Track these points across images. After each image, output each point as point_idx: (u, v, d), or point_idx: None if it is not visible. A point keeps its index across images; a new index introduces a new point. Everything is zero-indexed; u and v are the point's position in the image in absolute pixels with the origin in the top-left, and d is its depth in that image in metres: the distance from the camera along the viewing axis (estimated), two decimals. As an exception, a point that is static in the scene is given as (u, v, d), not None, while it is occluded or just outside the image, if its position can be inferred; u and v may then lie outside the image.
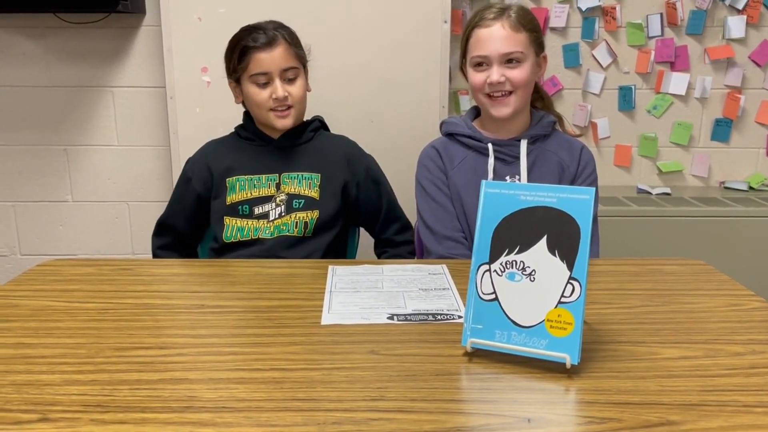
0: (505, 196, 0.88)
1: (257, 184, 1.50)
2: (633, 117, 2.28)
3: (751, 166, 2.32)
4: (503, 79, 1.37)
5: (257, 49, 1.45)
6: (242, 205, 1.49)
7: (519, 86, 1.38)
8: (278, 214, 1.48)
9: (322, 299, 1.07)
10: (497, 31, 1.37)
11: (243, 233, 1.48)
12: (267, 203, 1.49)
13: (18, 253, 2.37)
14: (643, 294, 1.11)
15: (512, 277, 0.86)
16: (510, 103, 1.39)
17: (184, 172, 1.58)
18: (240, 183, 1.50)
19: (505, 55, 1.37)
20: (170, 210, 1.59)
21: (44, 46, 2.19)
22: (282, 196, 1.48)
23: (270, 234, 1.47)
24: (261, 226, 1.48)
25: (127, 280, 1.19)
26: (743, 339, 0.92)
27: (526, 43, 1.38)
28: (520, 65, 1.38)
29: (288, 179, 1.50)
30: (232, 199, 1.49)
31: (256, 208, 1.49)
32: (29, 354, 0.87)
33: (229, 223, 1.49)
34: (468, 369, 0.84)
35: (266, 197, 1.49)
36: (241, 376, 0.81)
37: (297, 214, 1.48)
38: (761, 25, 2.20)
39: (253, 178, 1.50)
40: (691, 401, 0.75)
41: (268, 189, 1.50)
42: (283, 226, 1.47)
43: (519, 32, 1.37)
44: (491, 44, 1.37)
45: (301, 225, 1.48)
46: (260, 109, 1.50)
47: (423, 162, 1.51)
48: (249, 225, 1.48)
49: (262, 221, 1.48)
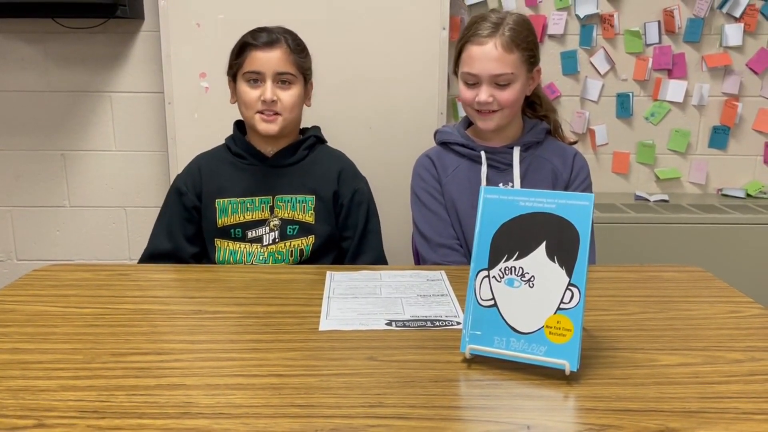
0: (504, 202, 0.88)
1: (250, 207, 1.45)
2: (631, 124, 2.29)
3: (748, 173, 2.33)
4: (491, 99, 1.37)
5: (256, 47, 1.43)
6: (234, 228, 1.45)
7: (506, 106, 1.38)
8: (272, 239, 1.45)
9: (320, 305, 1.07)
10: (489, 51, 1.35)
11: (236, 257, 1.45)
12: (260, 227, 1.45)
13: (14, 258, 2.36)
14: (642, 301, 1.10)
15: (511, 283, 0.86)
16: (495, 118, 1.40)
17: (175, 186, 1.51)
18: (232, 206, 1.46)
19: (494, 77, 1.36)
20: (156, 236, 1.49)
21: (43, 51, 2.19)
22: (275, 221, 1.45)
23: (264, 260, 1.44)
24: (254, 251, 1.44)
25: (124, 285, 1.18)
26: (742, 346, 0.92)
27: (517, 64, 1.36)
28: (510, 87, 1.37)
29: (281, 203, 1.46)
30: (224, 222, 1.45)
31: (249, 232, 1.45)
32: (25, 359, 0.87)
33: (220, 246, 1.46)
34: (467, 375, 0.83)
35: (260, 221, 1.45)
36: (239, 382, 0.80)
37: (291, 241, 1.45)
38: (758, 33, 2.21)
39: (246, 201, 1.46)
40: (690, 408, 0.74)
41: (262, 212, 1.46)
42: (278, 255, 1.44)
43: (511, 53, 1.35)
44: (482, 64, 1.36)
45: (296, 253, 1.45)
46: (248, 110, 1.45)
47: (417, 171, 1.51)
48: (242, 249, 1.45)
49: (255, 245, 1.45)
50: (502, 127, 1.43)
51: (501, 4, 2.17)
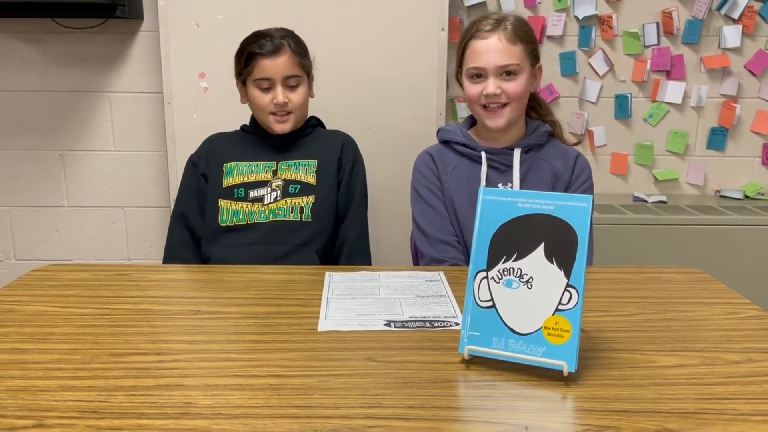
0: (502, 203, 0.88)
1: (254, 170, 1.54)
2: (629, 125, 2.29)
3: (746, 174, 2.33)
4: (499, 91, 1.38)
5: (262, 56, 1.51)
6: (238, 188, 1.53)
7: (514, 98, 1.39)
8: (273, 198, 1.51)
9: (319, 305, 1.07)
10: (494, 43, 1.37)
11: (239, 217, 1.50)
12: (263, 187, 1.52)
13: (13, 257, 2.36)
14: (640, 302, 1.11)
15: (509, 284, 0.86)
16: (505, 114, 1.40)
17: (189, 160, 1.61)
18: (238, 168, 1.55)
19: (501, 68, 1.38)
20: (181, 200, 1.59)
21: (42, 50, 2.19)
22: (278, 182, 1.52)
23: (265, 218, 1.50)
24: (256, 210, 1.50)
25: (123, 285, 1.18)
26: (740, 347, 0.92)
27: (521, 55, 1.39)
28: (516, 77, 1.39)
29: (285, 166, 1.55)
30: (229, 182, 1.53)
31: (251, 192, 1.52)
32: (24, 359, 0.87)
33: (224, 206, 1.52)
34: (465, 376, 0.83)
35: (262, 182, 1.53)
36: (238, 383, 0.80)
37: (292, 199, 1.51)
38: (756, 34, 2.21)
39: (251, 165, 1.55)
40: (688, 409, 0.75)
41: (265, 174, 1.54)
42: (278, 211, 1.50)
43: (515, 44, 1.38)
44: (488, 56, 1.37)
45: (297, 210, 1.50)
46: (261, 112, 1.55)
47: (417, 167, 1.52)
48: (244, 208, 1.51)
49: (257, 205, 1.51)
50: (512, 124, 1.43)
51: (500, 5, 2.17)
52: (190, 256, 1.54)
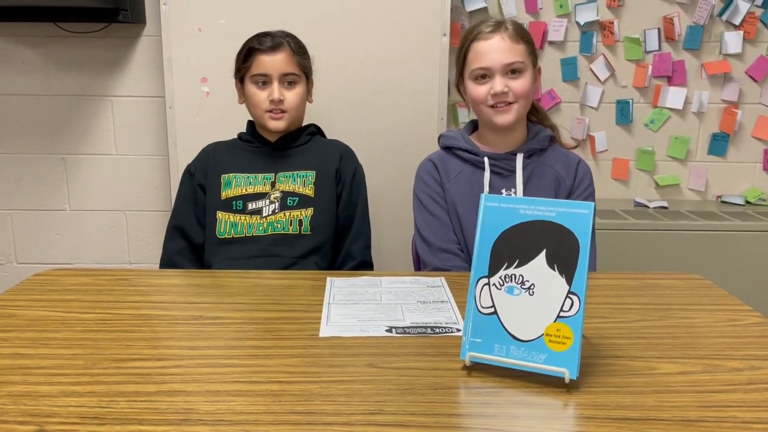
0: (504, 209, 0.88)
1: (252, 182, 1.54)
2: (630, 131, 2.29)
3: (747, 180, 2.33)
4: (506, 89, 1.39)
5: (261, 52, 1.52)
6: (236, 200, 1.52)
7: (521, 96, 1.40)
8: (272, 210, 1.50)
9: (321, 311, 1.07)
10: (498, 42, 1.39)
11: (236, 229, 1.50)
12: (261, 200, 1.51)
13: (14, 261, 2.36)
14: (641, 308, 1.11)
15: (511, 290, 0.86)
16: (513, 111, 1.41)
17: (186, 170, 1.61)
18: (236, 180, 1.54)
19: (507, 66, 1.38)
20: (177, 211, 1.58)
21: (44, 55, 2.20)
22: (276, 194, 1.51)
23: (263, 231, 1.49)
24: (254, 223, 1.50)
25: (125, 290, 1.19)
26: (741, 354, 0.92)
27: (525, 54, 1.40)
28: (521, 75, 1.40)
29: (283, 178, 1.54)
30: (227, 195, 1.53)
31: (249, 204, 1.51)
32: (26, 365, 0.87)
33: (221, 218, 1.51)
34: (467, 383, 0.83)
35: (261, 194, 1.52)
36: (239, 389, 0.80)
37: (291, 211, 1.50)
38: (758, 40, 2.21)
39: (249, 176, 1.54)
40: (689, 417, 0.74)
41: (263, 186, 1.53)
42: (277, 224, 1.49)
43: (518, 43, 1.39)
44: (493, 55, 1.38)
45: (295, 223, 1.49)
46: (256, 109, 1.55)
47: (420, 175, 1.52)
48: (242, 221, 1.50)
49: (255, 217, 1.50)
50: (518, 123, 1.43)
51: (501, 10, 2.17)
52: (189, 266, 1.54)
